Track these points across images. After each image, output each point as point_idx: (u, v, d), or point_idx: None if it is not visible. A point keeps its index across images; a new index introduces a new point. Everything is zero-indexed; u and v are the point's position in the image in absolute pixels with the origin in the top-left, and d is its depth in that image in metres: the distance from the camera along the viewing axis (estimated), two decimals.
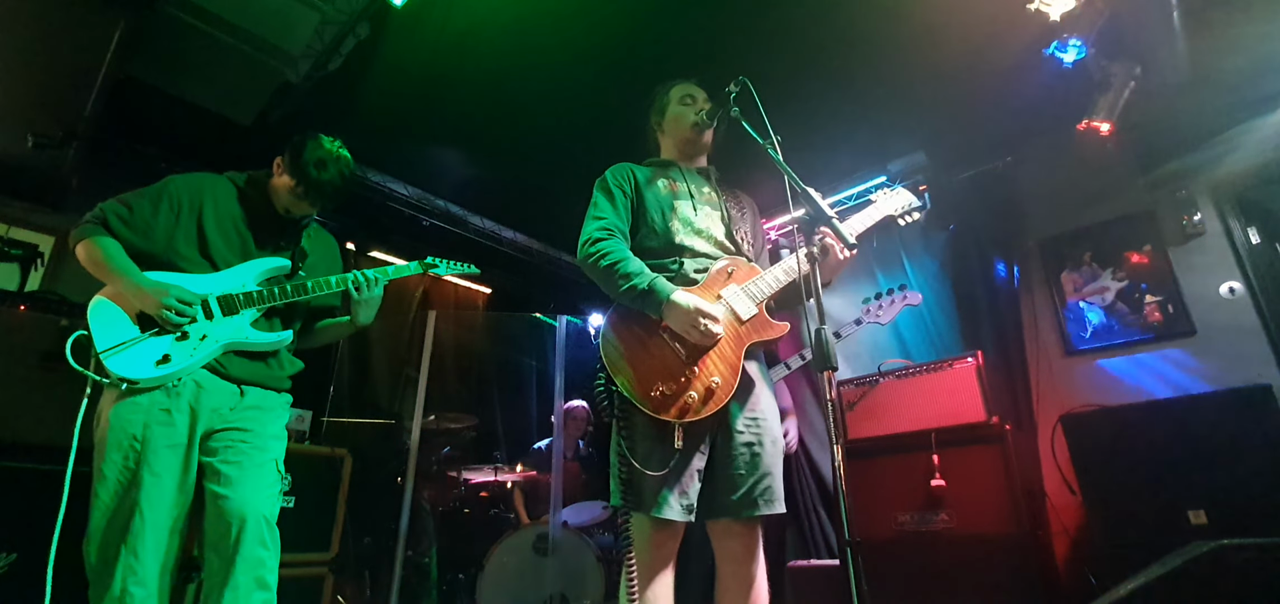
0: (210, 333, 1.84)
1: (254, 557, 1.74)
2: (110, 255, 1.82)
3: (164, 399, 1.77)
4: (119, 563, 1.65)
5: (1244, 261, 3.33)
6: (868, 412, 3.27)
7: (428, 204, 4.56)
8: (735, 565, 1.70)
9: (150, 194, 1.94)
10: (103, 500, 1.69)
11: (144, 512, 1.69)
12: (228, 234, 1.99)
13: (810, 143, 3.79)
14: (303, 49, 2.91)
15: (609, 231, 1.83)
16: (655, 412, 1.62)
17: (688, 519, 1.64)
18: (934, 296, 4.08)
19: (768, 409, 1.79)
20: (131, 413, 1.74)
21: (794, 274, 1.74)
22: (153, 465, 1.72)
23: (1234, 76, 3.29)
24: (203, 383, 1.83)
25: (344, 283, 2.06)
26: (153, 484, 1.71)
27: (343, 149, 2.09)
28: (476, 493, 4.39)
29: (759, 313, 1.76)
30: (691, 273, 1.81)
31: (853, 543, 1.37)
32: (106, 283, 1.82)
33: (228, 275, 1.94)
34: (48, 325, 2.54)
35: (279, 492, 1.88)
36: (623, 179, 1.95)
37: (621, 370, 1.68)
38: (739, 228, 1.96)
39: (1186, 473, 2.51)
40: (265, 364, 1.98)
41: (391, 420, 4.65)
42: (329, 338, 2.26)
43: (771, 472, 1.72)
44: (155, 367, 1.76)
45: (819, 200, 1.70)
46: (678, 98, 2.09)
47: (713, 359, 1.68)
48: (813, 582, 3.24)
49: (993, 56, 3.21)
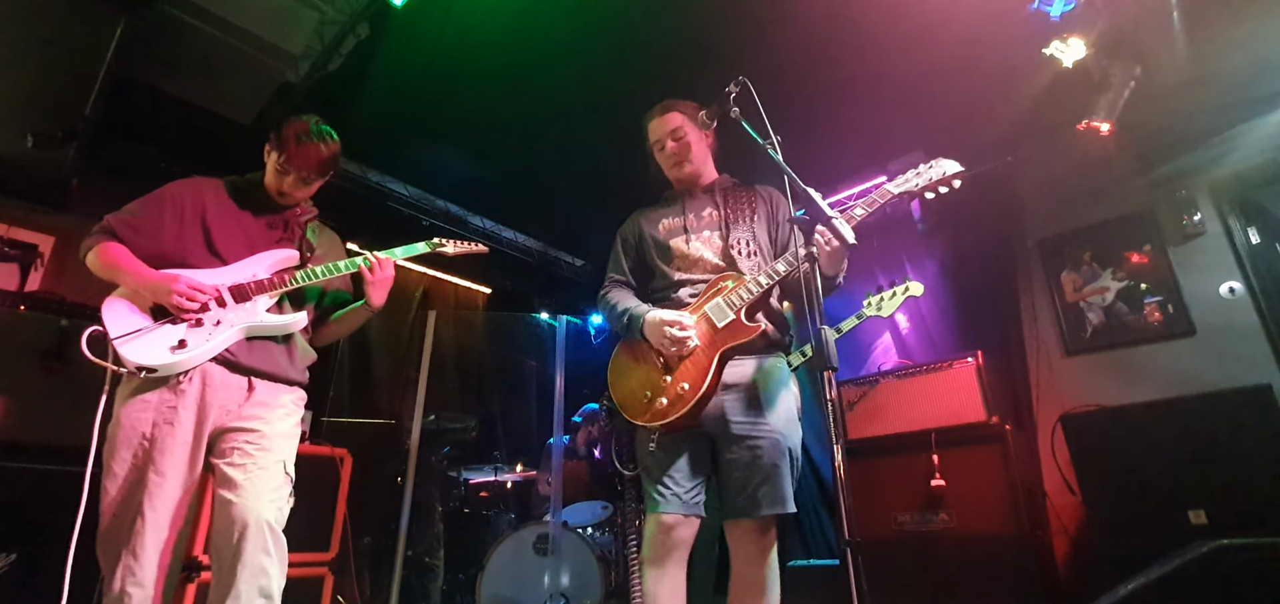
0: (224, 318, 1.85)
1: (256, 564, 1.72)
2: (119, 258, 1.84)
3: (171, 398, 1.77)
4: (120, 562, 1.66)
5: (1244, 261, 3.33)
6: (868, 412, 3.27)
7: (428, 204, 4.56)
8: (745, 565, 1.78)
9: (153, 199, 1.96)
10: (111, 498, 1.71)
11: (146, 513, 1.69)
12: (232, 230, 2.00)
13: (810, 142, 3.78)
14: (303, 49, 2.91)
15: (612, 282, 2.16)
16: (634, 418, 1.87)
17: (690, 516, 1.79)
18: (934, 296, 4.07)
19: (775, 413, 1.81)
20: (141, 412, 1.75)
21: (775, 277, 1.83)
22: (159, 465, 1.73)
23: (1234, 76, 3.29)
24: (211, 379, 1.83)
25: (354, 264, 2.07)
26: (157, 485, 1.72)
27: (324, 125, 2.09)
28: (476, 493, 4.39)
29: (736, 318, 1.82)
30: (686, 297, 1.96)
31: (853, 543, 1.37)
32: (119, 283, 1.84)
33: (238, 267, 1.95)
34: (48, 325, 2.54)
35: (286, 495, 1.86)
36: (628, 232, 2.20)
37: (616, 384, 1.97)
38: (739, 241, 2.00)
39: (1186, 473, 2.51)
40: (277, 354, 1.96)
41: (391, 420, 4.65)
42: (345, 328, 2.24)
43: (774, 471, 1.75)
44: (171, 353, 1.75)
45: (819, 200, 1.71)
46: (652, 145, 2.16)
47: (686, 366, 1.82)
48: (813, 582, 3.24)
49: (993, 56, 3.21)
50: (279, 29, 2.78)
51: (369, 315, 2.18)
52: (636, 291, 2.13)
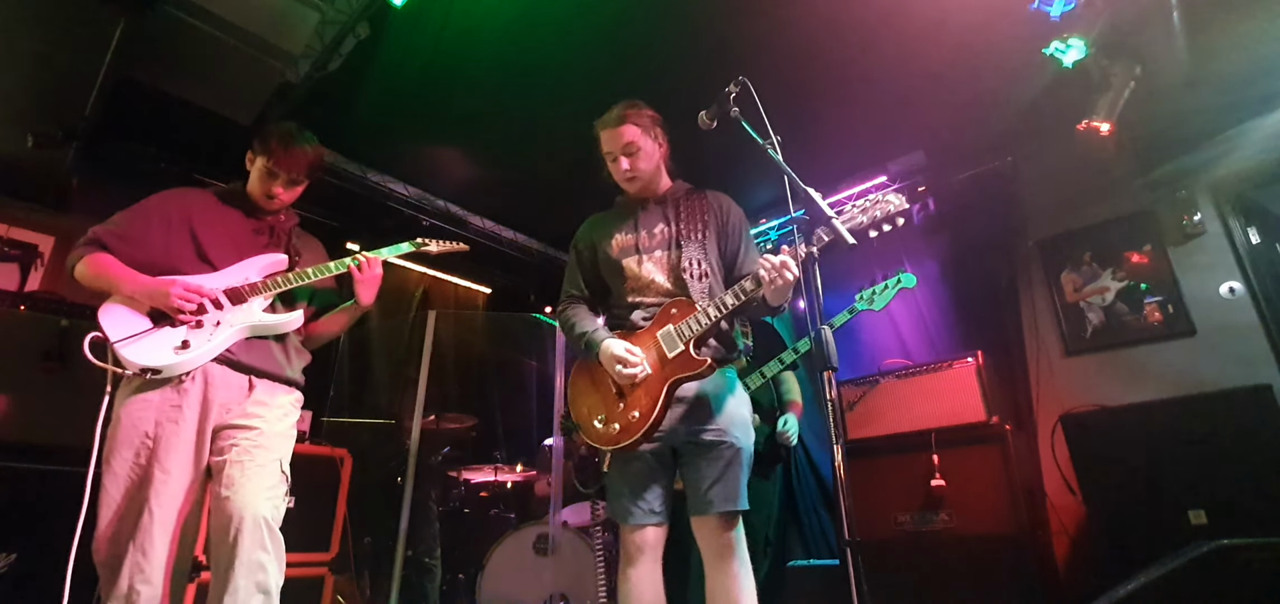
0: (224, 319, 1.89)
1: (253, 560, 1.72)
2: (110, 267, 1.86)
3: (175, 396, 1.79)
4: (127, 560, 1.66)
5: (1244, 261, 3.33)
6: (868, 412, 3.27)
7: (428, 204, 4.56)
8: (711, 563, 1.85)
9: (138, 210, 1.99)
10: (113, 498, 1.71)
11: (153, 510, 1.70)
12: (220, 237, 2.03)
13: (810, 143, 3.79)
14: (303, 49, 2.91)
15: (568, 300, 2.19)
16: (590, 440, 1.97)
17: (652, 524, 1.91)
18: (934, 296, 4.07)
19: (724, 417, 1.90)
20: (143, 411, 1.77)
21: (723, 311, 1.87)
22: (164, 463, 1.74)
23: (1234, 76, 3.29)
24: (212, 378, 1.85)
25: (344, 265, 2.11)
26: (163, 482, 1.73)
27: (306, 131, 2.14)
28: (476, 493, 4.39)
29: (685, 350, 1.87)
30: (639, 321, 2.00)
31: (853, 543, 1.37)
32: (112, 291, 1.85)
33: (231, 272, 1.98)
34: (48, 325, 2.54)
35: (282, 494, 1.88)
36: (583, 245, 2.21)
37: (574, 405, 2.06)
38: (691, 261, 2.00)
39: (1186, 473, 2.51)
40: (276, 354, 2.01)
41: (391, 420, 4.65)
42: (335, 327, 2.25)
43: (726, 471, 1.84)
44: (175, 354, 1.78)
45: (819, 200, 1.72)
46: (605, 154, 2.13)
47: (638, 394, 1.89)
48: (813, 582, 3.25)
49: (993, 56, 3.21)
50: (279, 29, 2.78)
51: (359, 314, 2.21)
52: (593, 304, 2.19)
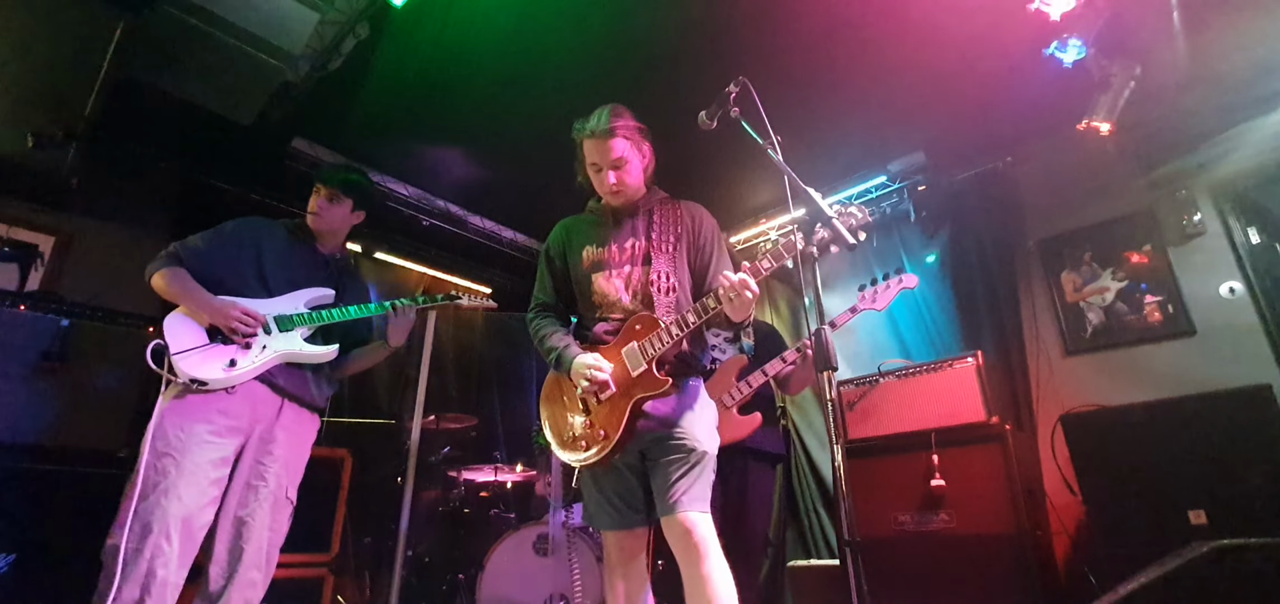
0: (269, 344, 2.12)
1: (247, 578, 1.94)
2: (183, 281, 2.09)
3: (214, 404, 1.98)
4: (149, 545, 1.77)
5: (1244, 261, 3.32)
6: (868, 412, 3.27)
7: (428, 204, 4.56)
8: (684, 565, 1.84)
9: (216, 232, 2.26)
10: (142, 491, 1.83)
11: (185, 498, 1.85)
12: (280, 266, 2.28)
13: (810, 143, 3.78)
14: (303, 49, 2.90)
15: (539, 308, 2.23)
16: (560, 451, 2.03)
17: (628, 528, 1.99)
18: (934, 296, 4.07)
19: (686, 424, 1.92)
20: (183, 416, 1.93)
21: (685, 329, 1.88)
22: (196, 458, 1.90)
23: (1234, 76, 3.29)
24: (250, 395, 2.06)
25: (383, 308, 2.37)
26: (191, 481, 1.87)
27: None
28: (477, 493, 4.39)
29: (647, 369, 1.89)
30: (603, 335, 2.03)
31: (853, 543, 1.37)
32: (181, 303, 2.08)
33: (281, 300, 2.21)
34: (48, 325, 2.54)
35: (286, 516, 2.11)
36: (554, 252, 2.24)
37: (545, 419, 2.12)
38: (660, 275, 2.01)
39: (1186, 473, 2.51)
40: (309, 381, 2.25)
41: (391, 420, 4.65)
42: (363, 364, 2.52)
43: (690, 473, 1.86)
44: (224, 371, 2.00)
45: (819, 200, 1.71)
46: (587, 163, 2.11)
47: (605, 411, 1.93)
48: (813, 582, 3.25)
49: (993, 56, 3.21)
50: (279, 29, 2.78)
51: (387, 354, 2.49)
52: (562, 313, 2.23)
